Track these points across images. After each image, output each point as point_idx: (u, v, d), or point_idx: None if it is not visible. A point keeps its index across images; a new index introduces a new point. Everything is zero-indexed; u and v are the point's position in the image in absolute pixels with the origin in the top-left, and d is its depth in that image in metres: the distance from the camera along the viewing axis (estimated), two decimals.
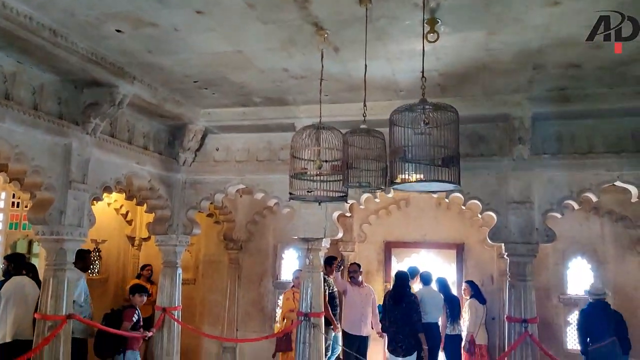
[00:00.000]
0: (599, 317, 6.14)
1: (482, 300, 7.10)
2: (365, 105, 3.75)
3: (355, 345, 6.58)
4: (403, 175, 2.87)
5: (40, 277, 5.46)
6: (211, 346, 8.53)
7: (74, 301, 5.81)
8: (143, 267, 8.20)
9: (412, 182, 2.80)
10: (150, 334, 6.08)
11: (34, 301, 5.51)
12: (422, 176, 2.75)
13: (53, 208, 4.75)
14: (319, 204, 4.04)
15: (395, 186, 2.95)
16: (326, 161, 3.76)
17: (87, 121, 4.93)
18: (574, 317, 7.24)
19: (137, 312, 5.91)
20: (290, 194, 3.71)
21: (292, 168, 3.69)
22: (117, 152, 5.51)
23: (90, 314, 6.19)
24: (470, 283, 7.25)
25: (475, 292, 7.14)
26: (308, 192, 3.66)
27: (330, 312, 6.80)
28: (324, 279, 7.06)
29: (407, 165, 2.82)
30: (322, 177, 3.70)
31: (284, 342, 6.63)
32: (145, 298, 6.20)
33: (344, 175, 3.50)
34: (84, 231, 5.05)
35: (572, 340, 7.21)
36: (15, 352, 4.84)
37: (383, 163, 3.47)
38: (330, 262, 7.06)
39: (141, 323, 5.95)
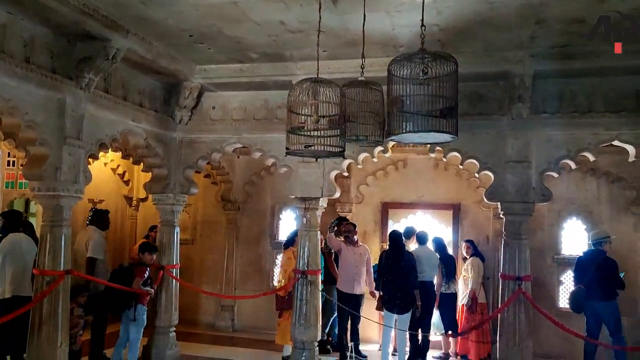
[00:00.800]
0: (580, 266, 6.40)
1: (483, 258, 7.15)
2: (363, 58, 3.67)
3: (350, 303, 6.66)
4: (401, 127, 2.83)
5: (37, 235, 5.48)
6: (210, 305, 8.66)
7: (97, 258, 6.20)
8: (151, 229, 8.16)
9: (409, 132, 2.76)
10: (153, 291, 6.16)
11: (31, 258, 5.53)
12: (419, 127, 2.71)
13: (48, 164, 4.73)
14: (316, 159, 4.03)
15: (393, 137, 2.92)
16: (323, 116, 3.71)
17: (80, 76, 4.84)
18: (567, 276, 7.34)
19: (147, 269, 6.03)
20: (287, 149, 3.66)
21: (288, 122, 3.64)
22: (112, 108, 5.44)
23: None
24: (470, 242, 7.28)
25: (476, 251, 7.18)
26: (305, 147, 3.61)
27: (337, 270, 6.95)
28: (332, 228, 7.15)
29: (405, 116, 2.78)
30: (319, 131, 3.66)
31: (288, 301, 6.70)
32: (154, 256, 6.28)
33: (341, 129, 3.46)
34: (80, 187, 5.03)
35: (564, 299, 7.32)
36: (14, 307, 4.88)
37: (381, 117, 3.43)
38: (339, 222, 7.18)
39: (150, 280, 6.08)
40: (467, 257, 7.20)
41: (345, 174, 6.43)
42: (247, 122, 6.34)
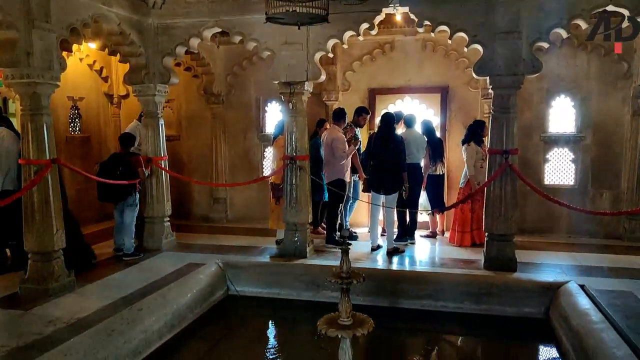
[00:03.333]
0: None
1: (479, 142, 6.93)
2: None
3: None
4: None
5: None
6: (203, 198, 8.76)
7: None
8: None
9: None
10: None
11: (15, 151, 5.46)
12: None
13: (19, 49, 4.58)
14: (299, 27, 3.83)
15: None
16: None
17: None
18: (553, 154, 7.44)
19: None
20: (266, 14, 3.47)
21: None
22: None
23: None
24: (470, 126, 7.06)
25: (471, 136, 6.94)
26: (286, 11, 3.42)
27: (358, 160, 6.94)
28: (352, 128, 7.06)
29: None
30: None
31: (283, 188, 6.76)
32: None
33: None
34: (56, 75, 4.86)
35: (549, 176, 7.48)
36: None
37: None
38: (360, 112, 7.06)
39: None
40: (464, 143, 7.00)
41: (331, 55, 6.21)
42: (225, 3, 6.02)
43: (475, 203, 6.72)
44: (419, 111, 7.79)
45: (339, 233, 3.44)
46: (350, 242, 3.33)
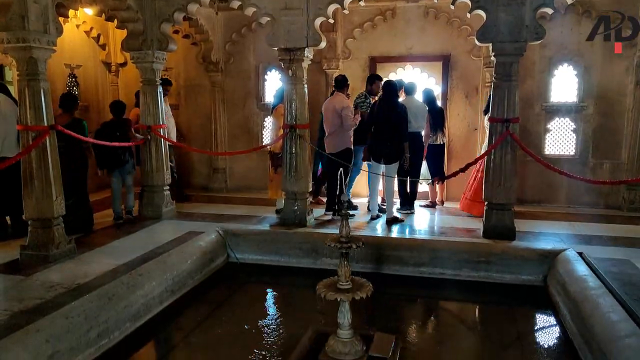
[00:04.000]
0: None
1: None
2: None
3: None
4: None
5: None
6: (202, 169, 8.76)
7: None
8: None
9: None
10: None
11: (13, 117, 5.43)
12: None
13: (13, 12, 4.51)
14: None
15: None
16: None
17: None
18: (554, 124, 7.41)
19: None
20: None
21: None
22: None
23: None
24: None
25: None
26: None
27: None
28: (366, 96, 6.96)
29: None
30: None
31: (282, 158, 6.74)
32: None
33: None
34: (52, 39, 4.79)
35: (550, 146, 7.46)
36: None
37: None
38: (373, 80, 6.92)
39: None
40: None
41: (331, 21, 6.10)
42: None
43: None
44: (420, 80, 7.71)
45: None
46: (349, 208, 3.33)
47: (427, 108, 6.96)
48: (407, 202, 7.00)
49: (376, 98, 6.76)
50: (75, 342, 3.27)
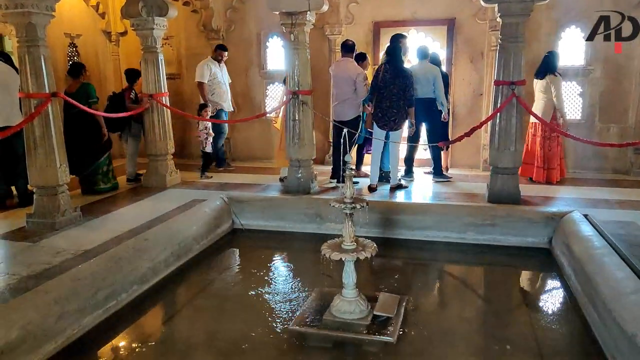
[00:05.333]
0: None
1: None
2: None
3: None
4: None
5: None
6: None
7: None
8: None
9: None
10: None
11: (16, 87, 5.39)
12: None
13: None
14: None
15: None
16: None
17: None
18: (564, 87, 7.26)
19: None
20: None
21: None
22: None
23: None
24: (549, 55, 6.63)
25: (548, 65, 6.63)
26: None
27: None
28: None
29: None
30: None
31: None
32: None
33: None
34: (50, 4, 4.75)
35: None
36: (6, 136, 4.84)
37: None
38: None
39: None
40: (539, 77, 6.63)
41: None
42: None
43: (553, 140, 6.61)
44: (424, 44, 7.56)
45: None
46: (352, 167, 3.31)
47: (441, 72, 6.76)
48: (438, 170, 6.96)
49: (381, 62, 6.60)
50: (83, 303, 3.30)
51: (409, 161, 6.97)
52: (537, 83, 6.66)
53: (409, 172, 6.95)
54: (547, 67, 6.54)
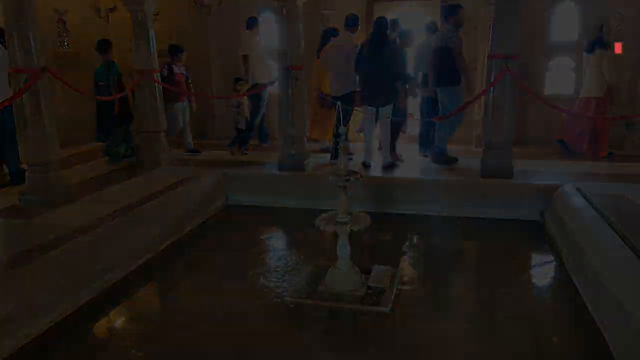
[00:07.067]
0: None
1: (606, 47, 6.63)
2: None
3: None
4: None
5: None
6: (199, 115, 8.63)
7: None
8: None
9: None
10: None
11: (6, 62, 5.31)
12: None
13: None
14: None
15: None
16: None
17: None
18: (554, 63, 7.28)
19: None
20: None
21: None
22: None
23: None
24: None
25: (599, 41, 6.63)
26: None
27: None
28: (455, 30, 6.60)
29: None
30: None
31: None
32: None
33: None
34: None
35: (550, 86, 7.36)
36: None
37: None
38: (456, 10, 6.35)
39: None
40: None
41: None
42: None
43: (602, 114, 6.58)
44: (420, 20, 7.50)
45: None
46: (347, 141, 3.30)
47: None
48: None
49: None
50: (79, 276, 3.31)
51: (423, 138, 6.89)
52: (586, 58, 6.64)
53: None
54: (596, 41, 6.53)
